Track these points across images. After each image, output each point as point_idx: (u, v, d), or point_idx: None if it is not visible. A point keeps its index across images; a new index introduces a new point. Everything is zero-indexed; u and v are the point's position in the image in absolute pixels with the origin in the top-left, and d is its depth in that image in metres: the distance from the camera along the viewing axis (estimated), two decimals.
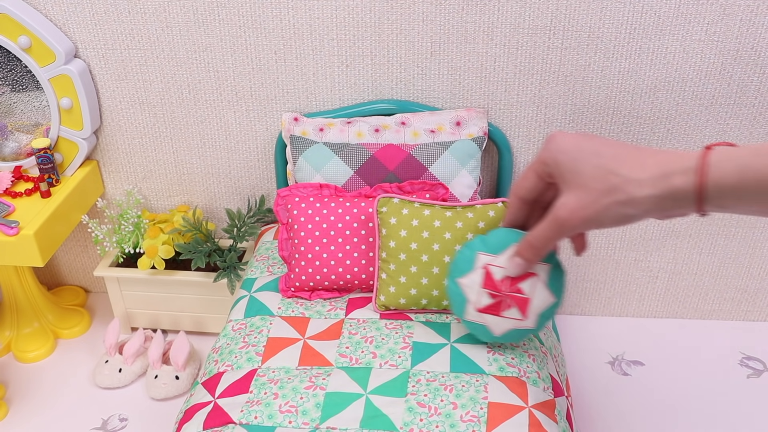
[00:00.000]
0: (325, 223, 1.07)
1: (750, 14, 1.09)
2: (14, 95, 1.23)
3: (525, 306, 0.89)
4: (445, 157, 1.13)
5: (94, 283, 1.51)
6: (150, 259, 1.26)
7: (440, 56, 1.17)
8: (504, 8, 1.11)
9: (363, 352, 0.98)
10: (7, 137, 1.26)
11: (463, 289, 0.92)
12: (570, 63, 1.15)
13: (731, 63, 1.13)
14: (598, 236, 1.32)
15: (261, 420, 0.86)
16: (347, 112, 1.21)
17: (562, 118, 1.20)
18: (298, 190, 1.13)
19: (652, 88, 1.16)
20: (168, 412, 1.21)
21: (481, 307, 0.91)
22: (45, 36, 1.16)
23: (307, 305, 1.08)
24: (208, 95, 1.24)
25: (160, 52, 1.21)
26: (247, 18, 1.16)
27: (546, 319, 0.91)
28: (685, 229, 1.30)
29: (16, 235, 1.12)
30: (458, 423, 0.84)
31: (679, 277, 1.36)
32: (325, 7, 1.14)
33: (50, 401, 1.24)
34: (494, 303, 0.90)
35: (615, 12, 1.10)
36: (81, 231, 1.42)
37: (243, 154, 1.30)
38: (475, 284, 0.90)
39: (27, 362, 1.33)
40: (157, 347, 1.25)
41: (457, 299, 0.92)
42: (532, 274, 0.87)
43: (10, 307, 1.34)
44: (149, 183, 1.35)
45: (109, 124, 1.29)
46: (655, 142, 1.21)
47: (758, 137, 1.19)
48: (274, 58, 1.19)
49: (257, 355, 0.98)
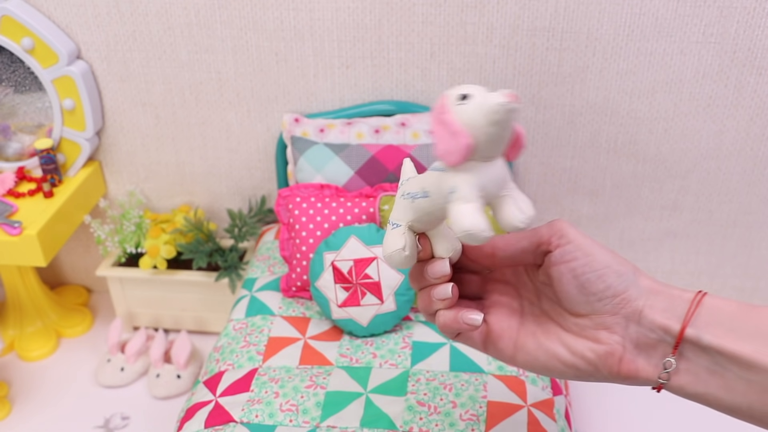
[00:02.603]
0: (327, 223, 1.07)
1: (747, 16, 1.09)
2: (17, 96, 1.24)
3: (377, 289, 0.98)
4: None
5: (97, 282, 1.51)
6: (152, 258, 1.27)
7: (440, 57, 1.18)
8: (503, 10, 1.12)
9: (363, 352, 0.99)
10: (11, 138, 1.27)
11: (322, 291, 1.01)
12: (568, 64, 1.16)
13: (728, 64, 1.14)
14: (595, 236, 1.33)
15: (262, 419, 0.87)
16: (348, 113, 1.22)
17: (561, 119, 1.21)
18: (299, 191, 1.13)
19: (650, 89, 1.17)
20: (170, 410, 1.22)
21: (340, 302, 0.99)
22: (48, 38, 1.16)
23: (308, 305, 1.08)
24: (210, 96, 1.25)
25: (162, 54, 1.22)
26: (249, 20, 1.17)
27: (404, 297, 0.99)
28: (683, 229, 1.30)
29: (19, 235, 1.13)
30: (458, 422, 0.85)
31: (677, 277, 1.36)
32: (326, 8, 1.15)
33: (53, 400, 1.25)
34: (350, 295, 0.98)
35: (613, 14, 1.11)
36: (83, 231, 1.43)
37: (244, 154, 1.30)
38: (329, 283, 0.99)
39: (30, 361, 1.34)
40: (158, 346, 1.25)
41: (321, 302, 1.01)
42: (373, 258, 0.94)
43: (14, 306, 1.35)
44: (151, 183, 1.36)
45: (112, 125, 1.30)
46: (653, 143, 1.21)
47: (755, 138, 1.19)
48: (275, 59, 1.20)
49: (258, 354, 0.98)
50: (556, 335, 0.55)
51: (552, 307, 0.57)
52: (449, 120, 0.49)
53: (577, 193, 1.28)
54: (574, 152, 1.24)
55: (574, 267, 0.52)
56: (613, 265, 0.52)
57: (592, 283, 0.52)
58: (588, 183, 1.27)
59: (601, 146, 1.23)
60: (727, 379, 0.49)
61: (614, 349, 0.51)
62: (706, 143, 1.21)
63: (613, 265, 0.52)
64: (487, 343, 0.57)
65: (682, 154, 1.22)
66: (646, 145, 1.22)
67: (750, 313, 0.49)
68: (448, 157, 0.49)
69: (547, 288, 0.57)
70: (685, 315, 0.50)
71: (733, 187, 1.25)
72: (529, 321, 0.57)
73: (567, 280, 0.52)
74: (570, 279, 0.52)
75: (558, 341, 0.54)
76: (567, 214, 1.31)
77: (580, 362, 0.53)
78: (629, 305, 0.51)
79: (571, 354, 0.53)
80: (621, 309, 0.52)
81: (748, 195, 1.25)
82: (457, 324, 0.54)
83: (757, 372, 0.47)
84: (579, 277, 0.52)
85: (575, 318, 0.54)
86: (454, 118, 0.49)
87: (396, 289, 0.99)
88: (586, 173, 1.26)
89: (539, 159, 1.25)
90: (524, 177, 1.27)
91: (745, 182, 1.24)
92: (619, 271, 0.52)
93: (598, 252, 0.52)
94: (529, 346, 0.55)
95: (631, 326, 0.52)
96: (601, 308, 0.52)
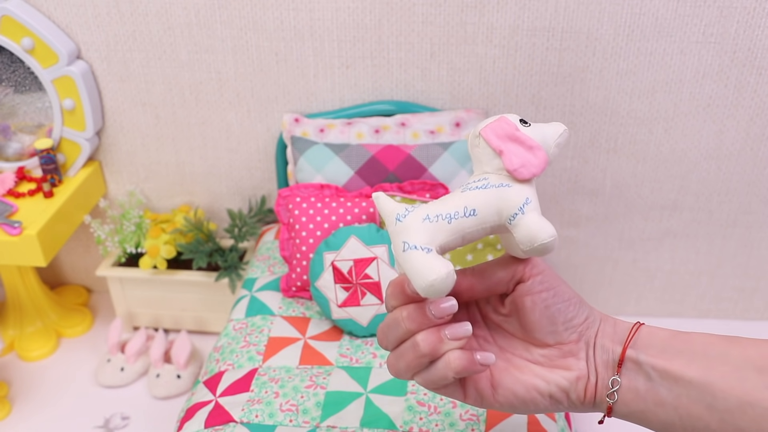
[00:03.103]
0: (327, 223, 1.07)
1: (747, 16, 1.09)
2: (17, 96, 1.24)
3: (377, 289, 0.98)
4: (444, 158, 1.14)
5: (97, 282, 1.51)
6: (152, 258, 1.27)
7: (440, 57, 1.18)
8: (503, 10, 1.12)
9: (363, 352, 0.99)
10: (11, 138, 1.27)
11: (322, 291, 1.01)
12: (568, 64, 1.16)
13: (728, 64, 1.14)
14: (595, 236, 1.33)
15: (262, 419, 0.87)
16: (348, 113, 1.22)
17: (561, 118, 1.21)
18: (299, 191, 1.13)
19: (650, 89, 1.17)
20: (170, 410, 1.22)
21: (340, 302, 0.99)
22: (48, 38, 1.16)
23: (308, 305, 1.09)
24: (210, 96, 1.25)
25: (162, 54, 1.22)
26: (249, 20, 1.17)
27: None
28: (683, 229, 1.30)
29: (19, 235, 1.13)
30: (458, 422, 0.85)
31: (677, 277, 1.36)
32: (326, 8, 1.15)
33: (53, 400, 1.25)
34: (350, 295, 0.99)
35: (613, 14, 1.11)
36: (83, 231, 1.43)
37: (244, 154, 1.31)
38: (329, 283, 1.00)
39: (30, 361, 1.34)
40: (158, 346, 1.26)
41: (321, 302, 1.02)
42: (373, 258, 0.94)
43: (14, 306, 1.35)
44: (151, 183, 1.36)
45: (112, 125, 1.30)
46: (653, 143, 1.21)
47: (755, 138, 1.19)
48: (275, 59, 1.20)
49: (258, 354, 0.98)
50: (528, 369, 0.57)
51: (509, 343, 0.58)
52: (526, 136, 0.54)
53: (577, 193, 1.28)
54: (574, 152, 1.24)
55: (545, 297, 0.55)
56: (574, 295, 0.57)
57: (561, 313, 0.56)
58: (588, 183, 1.27)
59: (601, 146, 1.23)
60: (660, 394, 0.54)
61: (582, 374, 0.56)
62: (706, 143, 1.21)
63: (574, 296, 0.57)
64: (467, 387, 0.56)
65: (682, 154, 1.22)
66: (646, 145, 1.22)
67: (680, 337, 0.55)
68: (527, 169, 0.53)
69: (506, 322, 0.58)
70: (626, 338, 0.56)
71: (733, 187, 1.25)
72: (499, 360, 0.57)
73: (539, 310, 0.55)
74: (542, 309, 0.55)
75: (532, 373, 0.56)
76: (567, 214, 1.31)
77: (556, 391, 0.56)
78: (588, 331, 0.57)
79: (547, 384, 0.56)
80: (582, 336, 0.56)
81: (748, 195, 1.25)
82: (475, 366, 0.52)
83: (684, 384, 0.53)
84: (550, 308, 0.55)
85: (541, 349, 0.57)
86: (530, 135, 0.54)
87: None
88: (586, 173, 1.26)
89: None
90: None
91: (745, 182, 1.24)
92: (580, 301, 0.57)
93: (561, 283, 0.56)
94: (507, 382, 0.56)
95: (589, 351, 0.56)
96: (568, 337, 0.56)
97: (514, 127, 0.54)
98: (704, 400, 0.52)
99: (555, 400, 0.56)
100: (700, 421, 0.52)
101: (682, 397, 0.53)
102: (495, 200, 0.53)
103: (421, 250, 0.51)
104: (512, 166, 0.53)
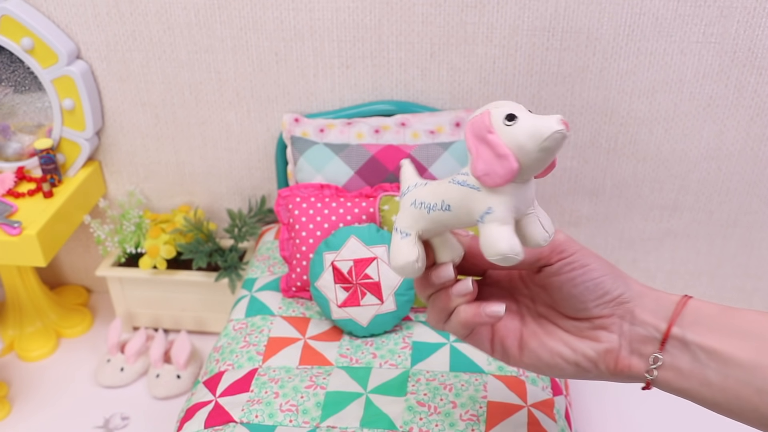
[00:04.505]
0: (327, 223, 1.07)
1: (747, 16, 1.09)
2: (17, 96, 1.24)
3: (377, 289, 0.98)
4: (444, 158, 1.14)
5: (96, 282, 1.51)
6: (152, 259, 1.27)
7: (440, 57, 1.18)
8: (503, 10, 1.12)
9: (363, 352, 0.99)
10: (10, 138, 1.27)
11: (322, 291, 1.01)
12: (568, 64, 1.16)
13: (729, 64, 1.14)
14: (595, 236, 1.33)
15: (262, 419, 0.87)
16: (347, 113, 1.22)
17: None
18: (299, 191, 1.13)
19: (650, 89, 1.17)
20: (169, 410, 1.22)
21: (340, 302, 0.99)
22: (47, 37, 1.16)
23: (308, 305, 1.09)
24: (210, 96, 1.25)
25: (161, 53, 1.22)
26: (248, 19, 1.17)
27: (404, 297, 0.99)
28: (683, 229, 1.30)
29: (19, 235, 1.13)
30: (458, 422, 0.85)
31: (677, 277, 1.36)
32: (326, 8, 1.15)
33: (52, 400, 1.25)
34: (350, 295, 0.99)
35: (613, 13, 1.11)
36: (83, 231, 1.43)
37: (244, 154, 1.30)
38: (329, 283, 1.00)
39: (30, 361, 1.34)
40: (158, 346, 1.25)
41: (321, 302, 1.02)
42: (373, 258, 0.94)
43: (13, 306, 1.35)
44: (151, 183, 1.36)
45: (111, 124, 1.30)
46: (653, 143, 1.21)
47: (755, 138, 1.19)
48: (274, 59, 1.20)
49: (258, 354, 0.98)
50: (558, 335, 0.57)
51: (547, 311, 0.59)
52: (496, 141, 0.48)
53: (577, 193, 1.28)
54: (574, 152, 1.24)
55: (573, 277, 0.55)
56: (608, 272, 0.55)
57: (590, 291, 0.55)
58: (588, 183, 1.27)
59: (601, 146, 1.23)
60: (706, 375, 0.52)
61: (612, 346, 0.55)
62: (706, 143, 1.21)
63: (609, 272, 0.55)
64: (495, 343, 0.59)
65: (682, 154, 1.22)
66: (646, 145, 1.22)
67: (729, 314, 0.53)
68: (490, 179, 0.48)
69: (542, 293, 0.59)
70: (672, 315, 0.54)
71: (733, 187, 1.25)
72: (529, 322, 0.59)
73: (566, 290, 0.55)
74: (569, 288, 0.55)
75: (560, 341, 0.57)
76: (567, 214, 1.31)
77: (582, 360, 0.56)
78: (622, 306, 0.55)
79: (573, 352, 0.56)
80: (616, 310, 0.55)
81: (748, 195, 1.25)
82: (480, 318, 0.55)
83: (733, 366, 0.51)
84: (578, 286, 0.55)
85: (573, 321, 0.57)
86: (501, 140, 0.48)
87: (396, 289, 0.99)
88: (586, 173, 1.26)
89: None
90: None
91: (745, 182, 1.24)
92: (614, 275, 0.55)
93: (594, 261, 0.55)
94: (533, 345, 0.58)
95: (624, 325, 0.55)
96: (599, 312, 0.55)
97: (487, 128, 0.48)
98: (754, 384, 0.50)
99: (581, 368, 0.56)
100: (749, 404, 0.50)
101: (730, 378, 0.51)
102: (466, 201, 0.51)
103: (399, 234, 0.55)
104: (476, 173, 0.49)
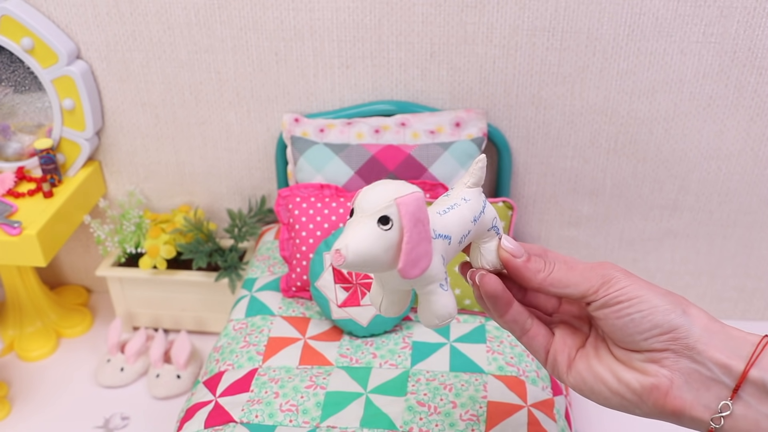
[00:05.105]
0: (327, 223, 1.07)
1: (747, 16, 1.09)
2: (17, 96, 1.24)
3: None
4: (444, 158, 1.14)
5: (97, 282, 1.51)
6: (152, 259, 1.27)
7: (440, 57, 1.18)
8: (503, 10, 1.12)
9: (363, 352, 0.99)
10: (10, 138, 1.27)
11: (322, 291, 1.01)
12: (568, 64, 1.16)
13: (729, 64, 1.14)
14: (595, 236, 1.33)
15: (262, 419, 0.87)
16: (347, 113, 1.22)
17: (561, 119, 1.21)
18: (299, 191, 1.13)
19: (650, 89, 1.17)
20: (169, 410, 1.22)
21: (340, 302, 1.00)
22: (47, 37, 1.16)
23: (308, 305, 1.08)
24: (210, 96, 1.25)
25: (161, 53, 1.22)
26: (248, 19, 1.17)
27: None
28: (683, 229, 1.30)
29: (19, 235, 1.13)
30: (458, 422, 0.85)
31: (677, 277, 1.36)
32: (326, 8, 1.15)
33: (53, 400, 1.25)
34: (350, 295, 0.99)
35: (613, 13, 1.11)
36: (83, 231, 1.43)
37: (244, 154, 1.30)
38: (329, 283, 1.00)
39: (30, 361, 1.34)
40: (158, 346, 1.25)
41: (321, 302, 1.02)
42: None
43: (13, 306, 1.35)
44: (151, 183, 1.36)
45: (111, 124, 1.30)
46: (653, 143, 1.21)
47: (755, 138, 1.19)
48: (275, 59, 1.20)
49: (258, 354, 0.98)
50: (606, 362, 0.55)
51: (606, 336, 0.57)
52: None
53: (577, 193, 1.28)
54: (574, 152, 1.24)
55: (617, 309, 0.52)
56: (661, 304, 0.51)
57: (636, 324, 0.51)
58: (588, 183, 1.27)
59: (601, 146, 1.23)
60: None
61: (661, 382, 0.51)
62: (706, 143, 1.21)
63: (661, 305, 0.51)
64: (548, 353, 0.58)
65: (682, 154, 1.22)
66: (646, 145, 1.22)
67: None
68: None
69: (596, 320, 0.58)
70: (750, 355, 0.48)
71: (733, 187, 1.25)
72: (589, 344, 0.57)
73: (611, 321, 0.53)
74: (614, 320, 0.52)
75: (607, 367, 0.54)
76: (567, 214, 1.31)
77: (626, 391, 0.53)
78: (679, 342, 0.50)
79: (618, 381, 0.53)
80: (670, 345, 0.51)
81: (748, 195, 1.25)
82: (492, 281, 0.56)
83: None
84: (622, 318, 0.52)
85: (626, 351, 0.54)
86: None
87: None
88: (586, 173, 1.26)
89: (539, 159, 1.25)
90: (524, 177, 1.28)
91: (745, 182, 1.24)
92: (666, 310, 0.51)
93: (647, 293, 0.52)
94: (580, 366, 0.56)
95: (682, 361, 0.50)
96: (649, 345, 0.52)
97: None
98: None
99: (626, 400, 0.53)
100: None
101: None
102: None
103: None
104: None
